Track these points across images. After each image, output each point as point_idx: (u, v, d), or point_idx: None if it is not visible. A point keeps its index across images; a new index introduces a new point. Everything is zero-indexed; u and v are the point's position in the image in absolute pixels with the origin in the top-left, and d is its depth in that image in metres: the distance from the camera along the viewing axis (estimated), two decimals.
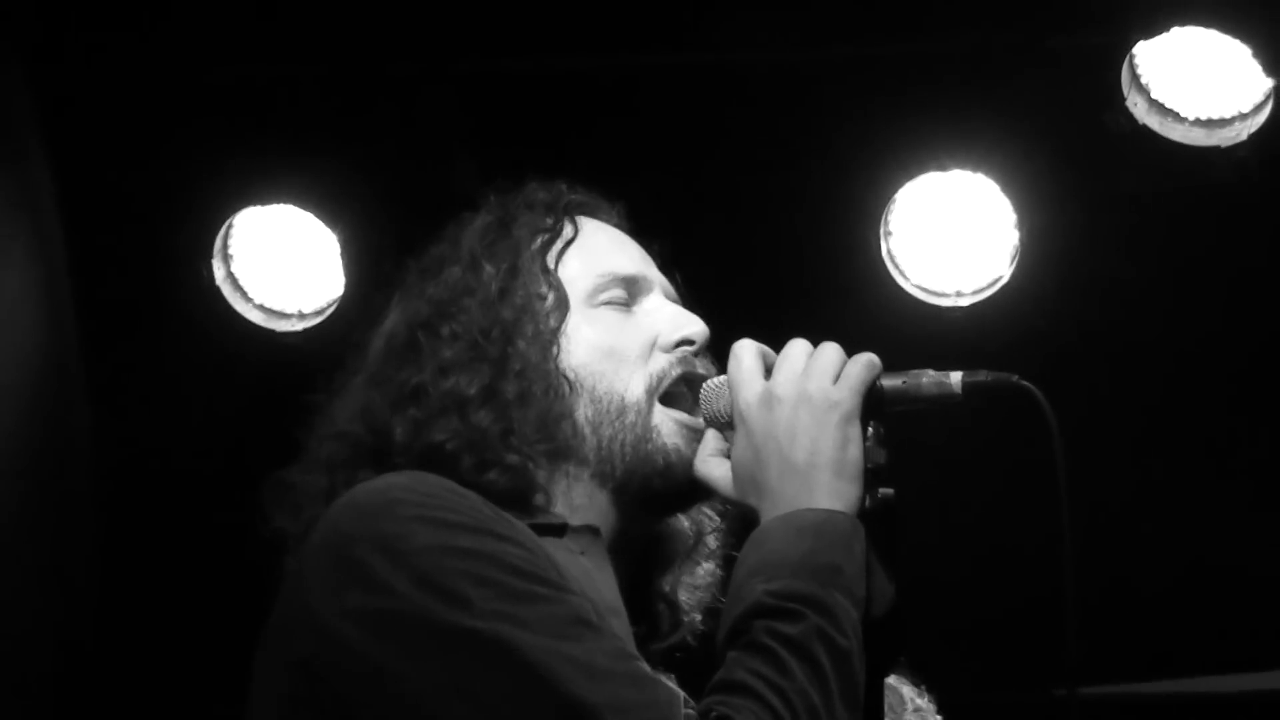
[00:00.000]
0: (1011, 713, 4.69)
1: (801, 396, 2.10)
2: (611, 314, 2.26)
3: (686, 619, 2.28)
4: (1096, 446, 4.16)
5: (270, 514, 2.23)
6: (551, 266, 2.28)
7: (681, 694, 1.97)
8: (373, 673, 1.96)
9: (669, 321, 2.27)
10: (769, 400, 2.11)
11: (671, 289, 2.34)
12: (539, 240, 2.31)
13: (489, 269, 2.28)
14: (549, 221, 2.33)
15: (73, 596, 4.54)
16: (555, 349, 2.22)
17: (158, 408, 4.55)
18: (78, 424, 4.53)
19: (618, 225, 2.38)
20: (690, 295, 2.35)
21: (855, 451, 2.08)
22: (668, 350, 2.25)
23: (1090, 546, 2.23)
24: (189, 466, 4.57)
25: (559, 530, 2.16)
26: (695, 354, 2.25)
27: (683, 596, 2.32)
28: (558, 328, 2.23)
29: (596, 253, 2.30)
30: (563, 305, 2.25)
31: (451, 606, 1.94)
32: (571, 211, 2.35)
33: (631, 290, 2.29)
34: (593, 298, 2.27)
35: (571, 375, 2.22)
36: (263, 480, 2.25)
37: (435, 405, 2.20)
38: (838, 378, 2.11)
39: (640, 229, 2.39)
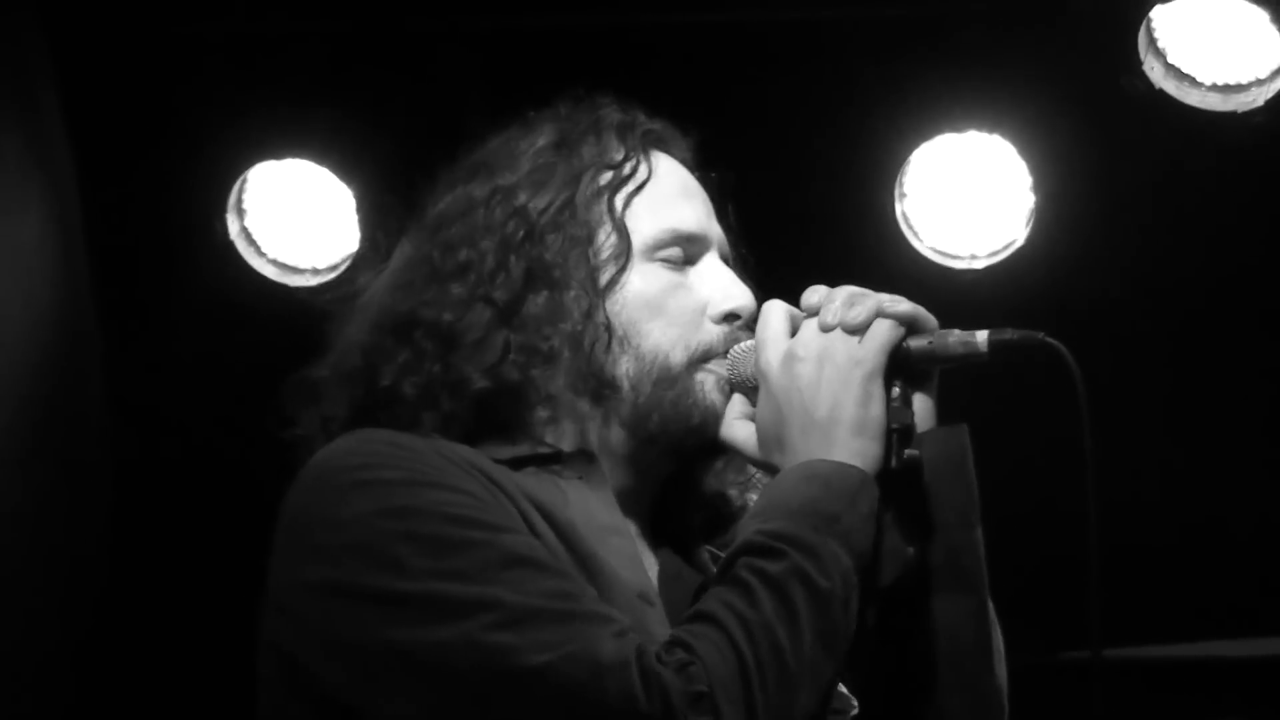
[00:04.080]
0: (1031, 676, 4.69)
1: (824, 354, 2.07)
2: (665, 271, 2.21)
3: (738, 506, 2.25)
4: (1111, 411, 4.15)
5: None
6: (619, 210, 2.22)
7: (624, 622, 1.94)
8: (325, 646, 1.98)
9: (721, 291, 2.22)
10: (791, 358, 2.09)
11: (726, 244, 2.29)
12: (606, 176, 2.24)
13: (539, 200, 2.22)
14: (620, 156, 2.26)
15: (84, 555, 4.54)
16: (606, 299, 2.18)
17: (170, 361, 4.55)
18: (91, 376, 4.53)
19: (685, 161, 2.32)
20: (738, 231, 2.31)
21: (877, 410, 2.06)
22: (717, 321, 2.21)
23: (1113, 507, 2.22)
24: (201, 420, 4.57)
25: (555, 458, 2.16)
26: (742, 328, 2.21)
27: (732, 493, 2.29)
28: (616, 277, 2.19)
29: (665, 202, 2.24)
30: (623, 255, 2.20)
31: (383, 571, 1.94)
32: (647, 146, 2.28)
33: (689, 250, 2.24)
34: (651, 252, 2.22)
35: (620, 330, 2.18)
36: (274, 436, 2.25)
37: (436, 343, 2.17)
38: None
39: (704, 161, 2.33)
